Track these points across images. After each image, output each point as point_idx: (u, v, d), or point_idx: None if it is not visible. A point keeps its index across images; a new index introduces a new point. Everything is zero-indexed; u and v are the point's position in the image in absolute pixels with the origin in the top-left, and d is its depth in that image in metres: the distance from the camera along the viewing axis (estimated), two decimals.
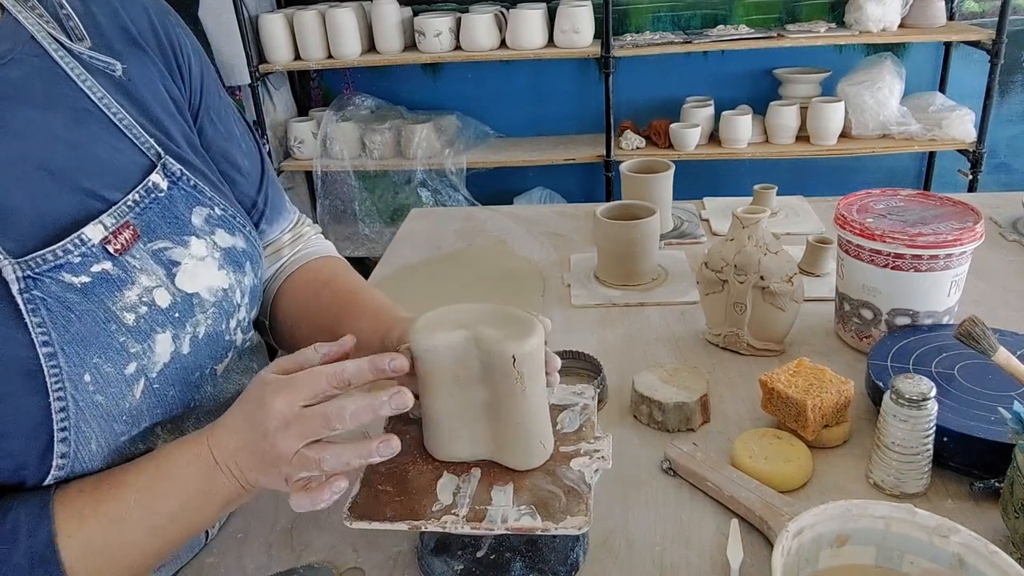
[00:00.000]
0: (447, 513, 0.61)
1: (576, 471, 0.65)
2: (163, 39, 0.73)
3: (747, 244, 0.98)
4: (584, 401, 0.75)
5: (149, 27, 0.72)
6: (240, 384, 0.77)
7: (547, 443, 0.67)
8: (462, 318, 0.65)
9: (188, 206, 0.69)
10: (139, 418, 0.63)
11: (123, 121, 0.66)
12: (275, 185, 0.88)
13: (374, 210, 2.79)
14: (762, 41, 2.39)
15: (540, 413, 0.65)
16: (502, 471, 0.66)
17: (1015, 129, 2.71)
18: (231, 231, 0.73)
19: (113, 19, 0.69)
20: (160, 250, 0.66)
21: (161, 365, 0.64)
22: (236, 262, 0.72)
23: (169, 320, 0.65)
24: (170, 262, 0.66)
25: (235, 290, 0.72)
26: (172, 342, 0.65)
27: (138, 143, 0.67)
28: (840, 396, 0.82)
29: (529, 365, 0.62)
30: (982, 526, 0.70)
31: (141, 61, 0.70)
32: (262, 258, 0.79)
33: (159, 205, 0.67)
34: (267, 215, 0.86)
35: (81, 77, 0.64)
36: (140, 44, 0.70)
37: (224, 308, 0.71)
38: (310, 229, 0.94)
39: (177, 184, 0.69)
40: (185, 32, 0.77)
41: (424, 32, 2.47)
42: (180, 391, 0.67)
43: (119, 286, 0.62)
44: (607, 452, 0.67)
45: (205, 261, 0.69)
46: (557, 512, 0.61)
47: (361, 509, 0.62)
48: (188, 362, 0.67)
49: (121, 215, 0.63)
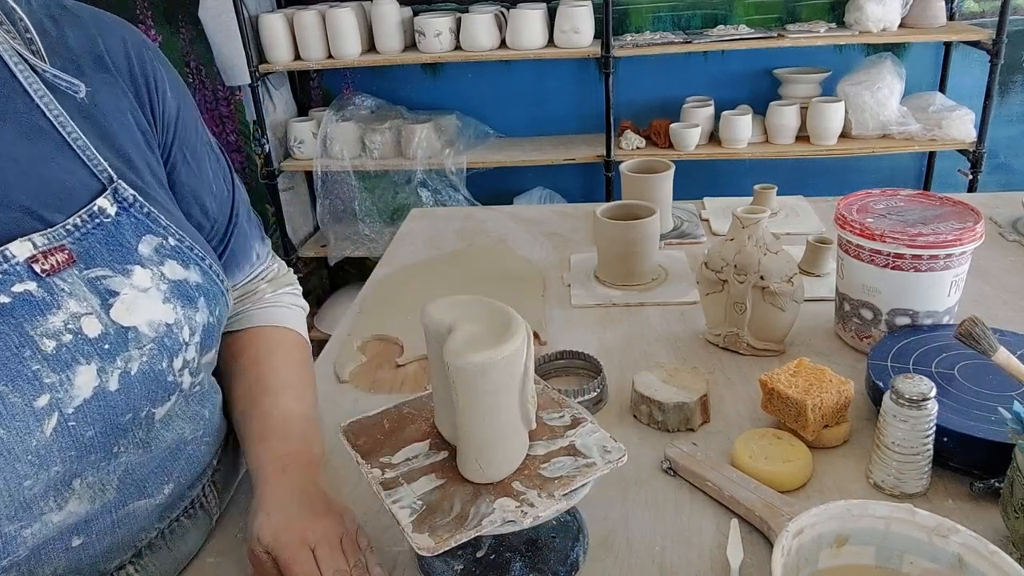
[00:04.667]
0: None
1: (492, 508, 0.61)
2: (137, 71, 0.70)
3: (747, 244, 0.98)
4: (587, 460, 0.66)
5: (124, 58, 0.70)
6: (182, 433, 0.71)
7: (486, 466, 0.63)
8: (467, 308, 0.64)
9: (137, 234, 0.65)
10: (48, 459, 0.57)
11: (77, 142, 0.63)
12: (243, 233, 0.83)
13: (374, 210, 2.79)
14: (762, 41, 2.39)
15: (480, 434, 0.62)
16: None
17: (1015, 129, 2.71)
18: (185, 263, 0.68)
19: (87, 45, 0.67)
20: (97, 278, 0.61)
21: (80, 400, 0.59)
22: (186, 296, 0.67)
23: (96, 351, 0.60)
24: (107, 291, 0.62)
25: (182, 326, 0.66)
26: (97, 376, 0.59)
27: (91, 165, 0.64)
28: (840, 396, 0.82)
29: (463, 379, 0.59)
30: (982, 526, 0.71)
31: (111, 89, 0.68)
32: (225, 295, 0.73)
33: (103, 231, 0.63)
34: (224, 267, 0.81)
35: (39, 93, 0.61)
36: (112, 72, 0.68)
37: (166, 345, 0.65)
38: (268, 286, 0.88)
39: (128, 211, 0.65)
40: (165, 68, 0.74)
41: (424, 32, 2.47)
42: (101, 433, 0.61)
43: (42, 310, 0.57)
44: (543, 511, 0.61)
45: (148, 293, 0.64)
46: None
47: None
48: (116, 401, 0.61)
49: (56, 238, 0.60)
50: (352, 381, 1.04)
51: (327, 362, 1.10)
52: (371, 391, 1.02)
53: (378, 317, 1.21)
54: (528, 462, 0.65)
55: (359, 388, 1.03)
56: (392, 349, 1.12)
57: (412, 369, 1.07)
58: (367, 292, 1.31)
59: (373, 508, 0.79)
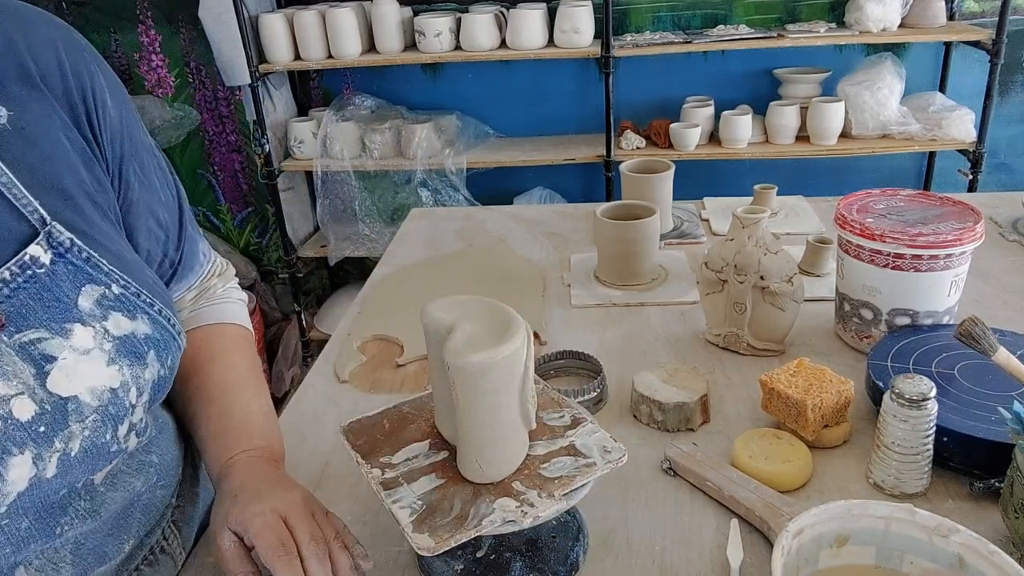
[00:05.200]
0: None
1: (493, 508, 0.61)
2: (72, 84, 0.61)
3: (747, 244, 0.98)
4: (588, 460, 0.66)
5: (57, 69, 0.60)
6: (131, 488, 0.64)
7: (486, 466, 0.63)
8: (467, 308, 0.64)
9: (75, 285, 0.57)
10: None
11: (2, 179, 0.54)
12: (191, 236, 0.78)
13: (374, 210, 2.79)
14: (762, 41, 2.39)
15: (480, 434, 0.62)
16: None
17: (1015, 129, 2.71)
18: (131, 314, 0.60)
19: (8, 53, 0.57)
20: (31, 342, 0.53)
21: (14, 496, 0.52)
22: (134, 353, 0.60)
23: (30, 437, 0.52)
24: (43, 357, 0.54)
25: (128, 389, 0.59)
26: (32, 465, 0.52)
27: (19, 205, 0.55)
28: (840, 396, 0.82)
29: (463, 379, 0.59)
30: (982, 526, 0.70)
31: (40, 107, 0.58)
32: (177, 340, 0.66)
33: (36, 284, 0.54)
34: (179, 272, 0.77)
35: None
36: (40, 87, 0.59)
37: (110, 414, 0.57)
38: (219, 281, 0.84)
39: (64, 257, 0.56)
40: (102, 70, 0.65)
41: (424, 32, 2.47)
42: (36, 520, 0.54)
43: None
44: (544, 511, 0.61)
45: (90, 355, 0.56)
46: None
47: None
48: (51, 487, 0.54)
49: None
50: (352, 381, 1.04)
51: (327, 362, 1.10)
52: (371, 391, 1.02)
53: (378, 317, 1.21)
54: (528, 462, 0.65)
55: (359, 388, 1.03)
56: (392, 349, 1.12)
57: (412, 369, 1.07)
58: (367, 292, 1.31)
59: (373, 508, 0.79)
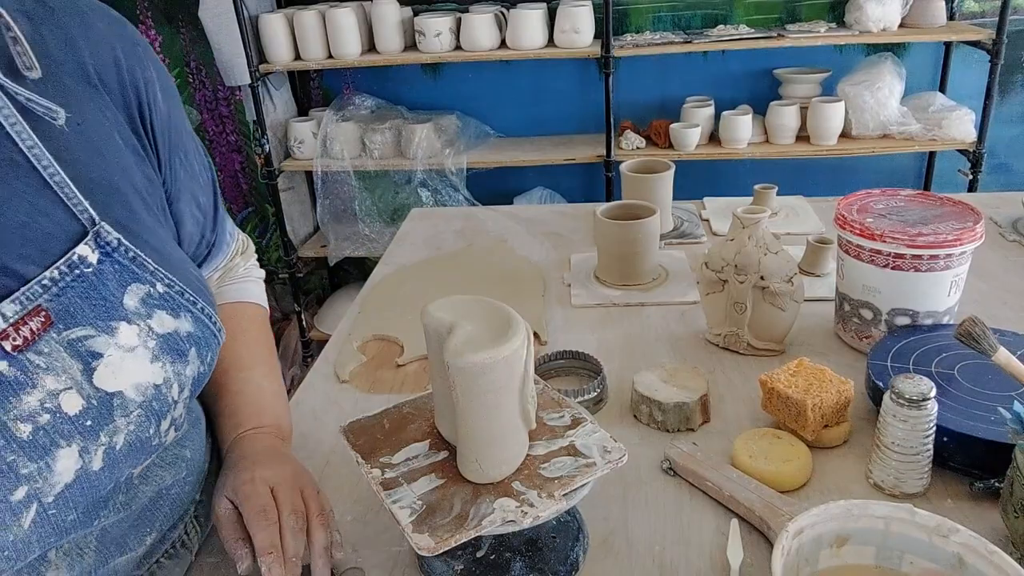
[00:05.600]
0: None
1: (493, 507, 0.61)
2: (127, 82, 0.63)
3: (747, 244, 0.98)
4: (588, 460, 0.66)
5: (113, 67, 0.62)
6: (162, 482, 0.66)
7: (486, 466, 0.63)
8: (467, 308, 0.65)
9: (121, 284, 0.58)
10: (26, 551, 0.53)
11: (55, 177, 0.55)
12: (222, 217, 0.80)
13: (374, 210, 2.79)
14: (762, 41, 2.39)
15: (480, 434, 0.62)
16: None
17: (1015, 129, 2.71)
18: (175, 312, 0.61)
19: (69, 51, 0.59)
20: (78, 339, 0.55)
21: (61, 487, 0.53)
22: (177, 351, 0.61)
23: (78, 430, 0.54)
24: (89, 354, 0.55)
25: (171, 385, 0.60)
26: (79, 458, 0.54)
27: (70, 204, 0.56)
28: (840, 396, 0.82)
29: (463, 379, 0.59)
30: (982, 526, 0.71)
31: (96, 105, 0.60)
32: (217, 336, 0.67)
33: (84, 283, 0.55)
34: (211, 252, 0.79)
35: (11, 120, 0.53)
36: (97, 86, 0.60)
37: (154, 409, 0.59)
38: (241, 260, 0.87)
39: (111, 256, 0.57)
40: (153, 65, 0.67)
41: (424, 32, 2.47)
42: (83, 513, 0.56)
43: (15, 390, 0.51)
44: (544, 511, 0.61)
45: (135, 352, 0.57)
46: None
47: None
48: (99, 480, 0.56)
49: (32, 297, 0.53)
50: (352, 381, 1.04)
51: (327, 362, 1.10)
52: (371, 391, 1.02)
53: (378, 317, 1.21)
54: (528, 462, 0.65)
55: (359, 388, 1.03)
56: (392, 349, 1.12)
57: (412, 369, 1.07)
58: (367, 292, 1.31)
59: (373, 508, 0.79)
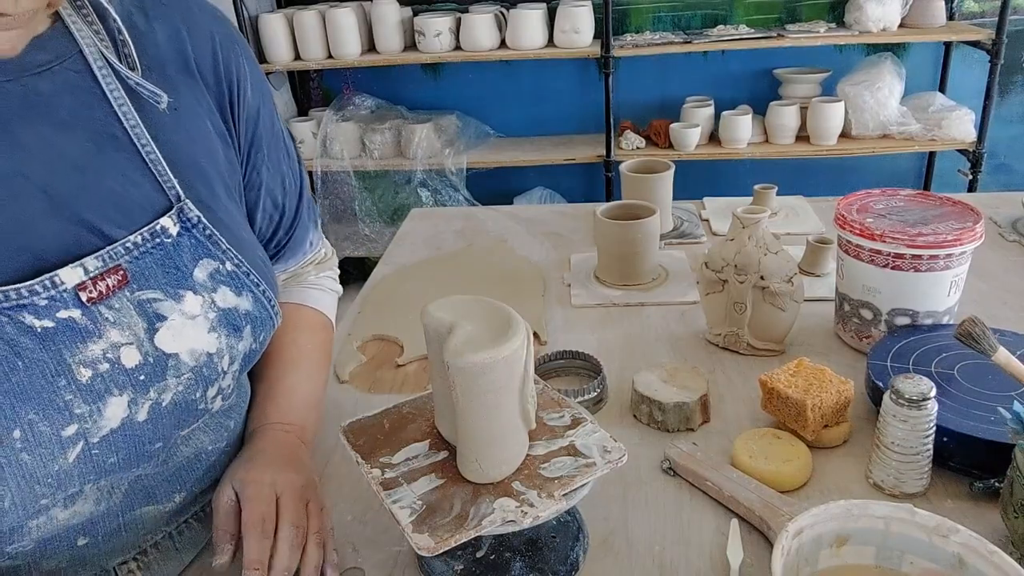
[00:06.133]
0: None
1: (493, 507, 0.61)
2: (222, 74, 0.69)
3: (747, 244, 0.98)
4: (587, 460, 0.66)
5: (211, 59, 0.68)
6: (202, 445, 0.70)
7: (486, 466, 0.63)
8: (467, 308, 0.65)
9: (195, 257, 0.63)
10: (67, 482, 0.57)
11: (151, 155, 0.61)
12: (304, 224, 0.84)
13: (374, 210, 2.79)
14: (762, 41, 2.39)
15: (480, 434, 0.62)
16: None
17: (1015, 129, 2.71)
18: (238, 290, 0.67)
19: (174, 42, 0.65)
20: (148, 300, 0.60)
21: (107, 431, 0.58)
22: (233, 325, 0.66)
23: (131, 383, 0.59)
24: (155, 315, 0.60)
25: (223, 355, 0.65)
26: (127, 407, 0.59)
27: (160, 180, 0.62)
28: (840, 396, 0.82)
29: (463, 379, 0.59)
30: (982, 526, 0.70)
31: (192, 93, 0.66)
32: (273, 319, 0.72)
33: (161, 251, 0.61)
34: (283, 254, 0.83)
35: (119, 101, 0.60)
36: (195, 75, 0.66)
37: (203, 375, 0.64)
38: (313, 269, 0.90)
39: (190, 231, 0.63)
40: (250, 63, 0.72)
41: (424, 32, 2.47)
42: (124, 458, 0.60)
43: (83, 337, 0.56)
44: (544, 511, 0.61)
45: (196, 320, 0.62)
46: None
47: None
48: (142, 430, 0.60)
49: (115, 256, 0.58)
50: (352, 381, 1.04)
51: None
52: (371, 391, 1.02)
53: (378, 317, 1.21)
54: (528, 462, 0.65)
55: (359, 388, 1.03)
56: (392, 349, 1.12)
57: (412, 369, 1.07)
58: (367, 292, 1.31)
59: (373, 508, 0.79)
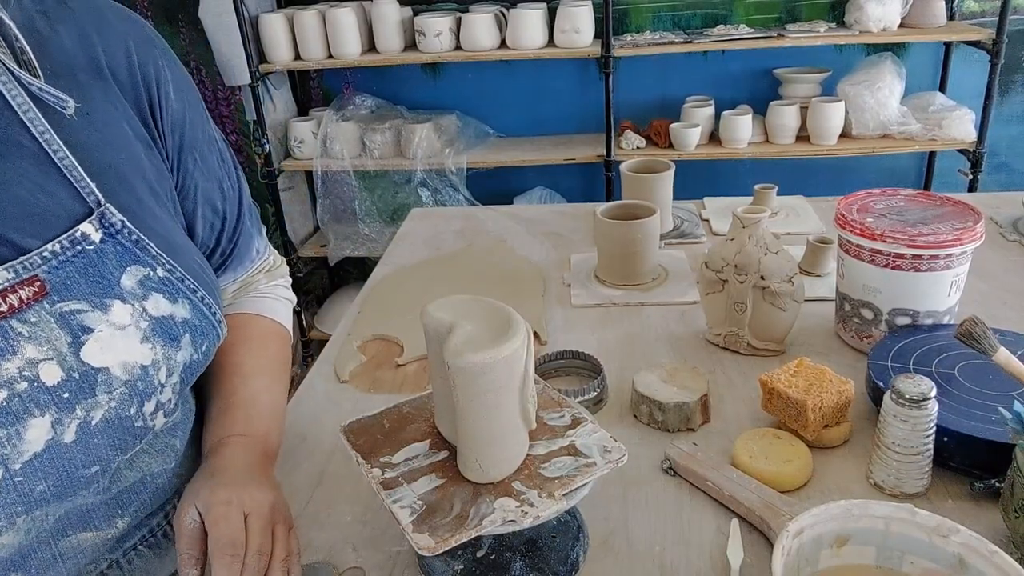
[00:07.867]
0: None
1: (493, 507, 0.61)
2: (138, 77, 0.66)
3: (747, 244, 0.98)
4: (588, 460, 0.66)
5: (124, 61, 0.65)
6: (148, 468, 0.67)
7: (486, 466, 0.63)
8: (467, 308, 0.64)
9: (121, 264, 0.60)
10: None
11: (63, 160, 0.58)
12: (247, 231, 0.82)
13: (374, 210, 2.79)
14: (762, 41, 2.39)
15: (480, 433, 0.62)
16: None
17: (1015, 129, 2.71)
18: (173, 297, 0.63)
19: (83, 46, 0.62)
20: (71, 312, 0.57)
21: (30, 455, 0.54)
22: (169, 334, 0.63)
23: (53, 401, 0.55)
24: (80, 328, 0.57)
25: (159, 367, 0.62)
26: (51, 429, 0.55)
27: (77, 186, 0.59)
28: (840, 396, 0.82)
29: (463, 379, 0.59)
30: (982, 526, 0.71)
31: (106, 97, 0.63)
32: (216, 328, 0.68)
33: (83, 259, 0.58)
34: (229, 263, 0.80)
35: (23, 108, 0.56)
36: (108, 79, 0.63)
37: (137, 389, 0.60)
38: (264, 278, 0.87)
39: (114, 237, 0.60)
40: (171, 66, 0.70)
41: (424, 32, 2.47)
42: (54, 486, 0.56)
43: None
44: (544, 510, 0.61)
45: (126, 331, 0.59)
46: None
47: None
48: (71, 453, 0.57)
49: (30, 267, 0.55)
50: (352, 381, 1.04)
51: (327, 362, 1.10)
52: (371, 391, 1.02)
53: (378, 317, 1.21)
54: (528, 462, 0.65)
55: (359, 388, 1.03)
56: (392, 349, 1.12)
57: (412, 369, 1.07)
58: (367, 292, 1.31)
59: (373, 508, 0.79)
